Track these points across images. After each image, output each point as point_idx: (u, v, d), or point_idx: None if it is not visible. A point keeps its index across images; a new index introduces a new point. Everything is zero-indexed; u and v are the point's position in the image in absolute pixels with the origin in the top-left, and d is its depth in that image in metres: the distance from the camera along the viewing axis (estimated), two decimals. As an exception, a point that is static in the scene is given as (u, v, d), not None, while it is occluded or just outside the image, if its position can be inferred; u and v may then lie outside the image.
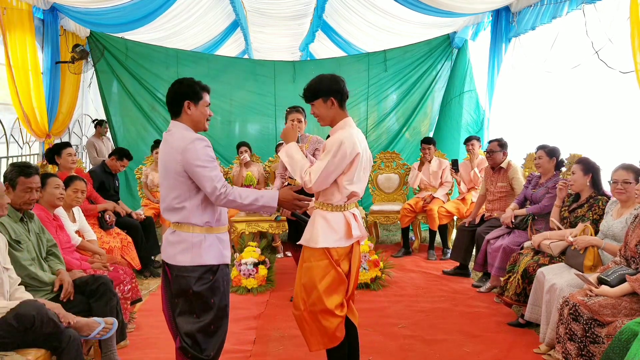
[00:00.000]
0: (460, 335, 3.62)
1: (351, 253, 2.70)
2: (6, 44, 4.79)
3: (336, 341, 2.66)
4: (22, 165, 3.07)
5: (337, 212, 2.65)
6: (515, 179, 4.85)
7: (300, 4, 7.60)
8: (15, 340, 2.47)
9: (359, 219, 2.74)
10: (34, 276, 2.87)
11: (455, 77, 7.06)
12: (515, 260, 3.92)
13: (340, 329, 2.67)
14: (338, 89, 2.67)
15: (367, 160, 2.73)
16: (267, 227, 5.15)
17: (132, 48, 6.95)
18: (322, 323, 2.63)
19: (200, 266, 2.36)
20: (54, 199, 3.46)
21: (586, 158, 3.79)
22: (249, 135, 7.34)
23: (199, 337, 2.38)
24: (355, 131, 2.67)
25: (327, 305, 2.61)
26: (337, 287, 2.65)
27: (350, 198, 2.67)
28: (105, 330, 2.80)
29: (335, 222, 2.64)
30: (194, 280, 2.35)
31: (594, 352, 2.70)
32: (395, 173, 6.57)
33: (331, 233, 2.62)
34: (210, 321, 2.39)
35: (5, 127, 5.14)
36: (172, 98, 2.44)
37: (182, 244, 2.37)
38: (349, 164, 2.58)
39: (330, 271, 2.63)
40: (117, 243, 4.46)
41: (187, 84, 2.44)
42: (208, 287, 2.37)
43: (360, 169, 2.65)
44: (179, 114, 2.43)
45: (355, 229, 2.66)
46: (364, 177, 2.71)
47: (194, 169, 2.30)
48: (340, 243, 2.64)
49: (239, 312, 4.06)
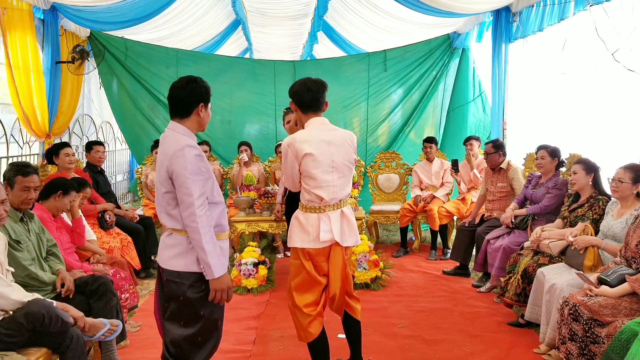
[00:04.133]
0: (460, 335, 3.62)
1: (329, 255, 2.72)
2: (6, 44, 4.79)
3: (310, 337, 2.75)
4: (20, 165, 3.08)
5: (312, 213, 2.70)
6: (515, 179, 4.85)
7: (300, 4, 7.60)
8: (22, 339, 2.48)
9: (339, 222, 2.71)
10: (34, 276, 2.87)
11: (459, 83, 7.07)
12: (515, 261, 3.92)
13: (314, 326, 2.74)
14: (294, 92, 2.76)
15: (340, 161, 2.70)
16: (267, 227, 5.15)
17: (132, 48, 6.94)
18: (297, 317, 2.76)
19: (193, 273, 2.23)
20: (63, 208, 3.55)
21: (586, 158, 3.80)
22: (249, 135, 7.33)
23: (185, 346, 2.26)
24: (309, 132, 2.69)
25: (297, 302, 2.74)
26: (308, 287, 2.74)
27: (322, 201, 2.68)
28: (110, 331, 2.80)
29: (307, 223, 2.69)
30: (186, 286, 2.23)
31: (595, 352, 2.70)
32: (395, 173, 6.56)
33: (303, 234, 2.70)
34: (197, 332, 2.27)
35: (5, 127, 5.14)
36: (184, 97, 2.26)
37: (177, 248, 2.25)
38: (299, 165, 2.63)
39: (301, 271, 2.73)
40: (117, 243, 4.46)
41: (202, 85, 2.29)
42: (199, 297, 2.24)
43: (318, 170, 2.63)
44: (187, 115, 2.28)
45: (324, 232, 2.65)
46: (332, 179, 2.68)
47: (178, 177, 2.16)
48: (312, 244, 2.69)
49: (239, 312, 4.06)
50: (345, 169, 2.75)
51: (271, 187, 5.42)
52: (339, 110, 7.27)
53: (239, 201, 5.30)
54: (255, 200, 5.37)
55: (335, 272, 2.73)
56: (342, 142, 2.75)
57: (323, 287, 2.76)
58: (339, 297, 2.77)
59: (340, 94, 7.24)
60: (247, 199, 5.30)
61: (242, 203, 5.30)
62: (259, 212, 5.30)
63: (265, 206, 5.19)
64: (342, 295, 2.79)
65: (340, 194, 2.74)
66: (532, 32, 5.40)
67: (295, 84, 2.80)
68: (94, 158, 5.23)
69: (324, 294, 2.79)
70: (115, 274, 3.56)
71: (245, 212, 5.31)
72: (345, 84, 7.28)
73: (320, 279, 2.74)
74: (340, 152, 2.72)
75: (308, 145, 2.62)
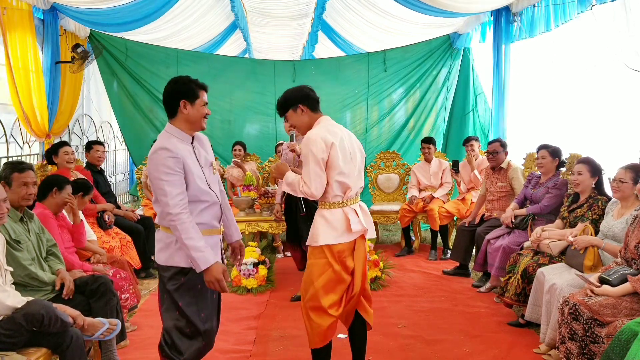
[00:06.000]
0: (460, 335, 3.62)
1: (354, 248, 2.72)
2: (6, 44, 4.78)
3: (326, 340, 2.71)
4: (15, 162, 3.11)
5: (336, 208, 2.69)
6: (515, 178, 4.85)
7: (300, 4, 7.59)
8: (22, 340, 2.48)
9: (361, 214, 2.75)
10: (34, 276, 2.87)
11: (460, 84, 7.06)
12: (515, 261, 3.92)
13: (332, 328, 2.71)
14: (304, 95, 2.76)
15: (354, 152, 2.74)
16: (267, 227, 5.14)
17: (132, 48, 6.95)
18: (314, 320, 2.68)
19: (171, 267, 2.37)
20: (62, 204, 3.52)
21: (592, 159, 3.75)
22: (249, 135, 7.33)
23: (174, 335, 2.37)
24: (327, 126, 2.71)
25: (322, 303, 2.66)
26: (334, 286, 2.69)
27: (346, 192, 2.68)
28: (109, 331, 2.80)
29: (334, 219, 2.68)
30: (166, 279, 2.38)
31: (595, 351, 2.70)
32: (395, 173, 6.56)
33: (330, 230, 2.66)
34: (185, 323, 2.37)
35: (5, 127, 5.14)
36: (167, 98, 2.40)
37: (160, 243, 2.41)
38: (328, 156, 2.61)
39: (327, 270, 2.67)
40: (117, 242, 4.47)
41: (182, 83, 2.40)
42: (175, 288, 2.36)
43: (343, 160, 2.65)
44: (174, 114, 2.40)
45: (355, 223, 2.67)
46: (352, 169, 2.71)
47: (152, 179, 2.30)
48: (341, 239, 2.67)
49: (239, 312, 4.06)
50: (360, 162, 2.81)
51: (271, 187, 5.42)
52: (339, 110, 7.28)
53: (239, 201, 5.30)
54: (255, 200, 5.37)
55: (359, 266, 2.73)
56: (354, 138, 2.83)
57: (347, 285, 2.74)
58: (357, 296, 2.76)
59: (340, 93, 7.25)
60: (247, 199, 5.30)
61: (242, 203, 5.30)
62: (258, 212, 5.30)
63: (265, 206, 5.19)
64: (360, 294, 2.79)
65: (359, 185, 2.78)
66: (532, 33, 5.40)
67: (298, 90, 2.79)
68: (93, 157, 5.25)
69: (346, 294, 2.76)
70: (115, 274, 3.56)
71: (245, 212, 5.31)
72: (345, 83, 7.29)
73: (346, 276, 2.72)
74: (354, 145, 2.78)
75: (332, 136, 2.64)
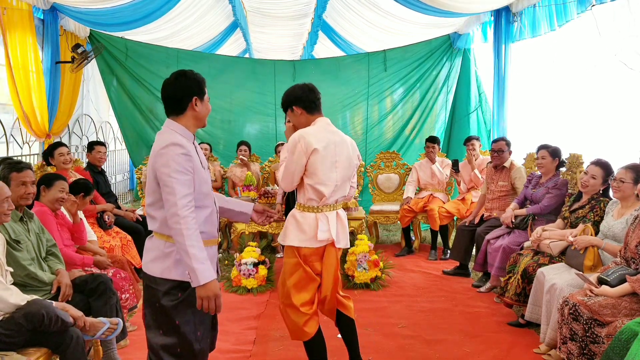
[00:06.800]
0: (460, 335, 3.62)
1: (323, 254, 2.75)
2: (6, 43, 4.78)
3: (306, 336, 2.76)
4: (12, 162, 3.11)
5: (309, 212, 2.72)
6: (518, 178, 4.83)
7: (300, 4, 7.60)
8: (22, 340, 2.48)
9: (335, 222, 2.74)
10: (33, 276, 2.87)
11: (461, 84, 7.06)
12: (515, 261, 3.92)
13: (310, 325, 2.76)
14: (298, 97, 2.77)
15: (341, 160, 2.74)
16: (267, 227, 5.14)
17: (132, 48, 6.95)
18: (291, 317, 2.76)
19: (168, 280, 2.10)
20: (54, 200, 3.48)
21: (609, 165, 3.61)
22: (249, 135, 7.34)
23: (164, 356, 2.12)
24: (319, 129, 2.72)
25: (294, 301, 2.73)
26: (305, 285, 2.75)
27: (322, 199, 2.69)
28: (110, 330, 2.79)
29: (304, 222, 2.71)
30: (161, 293, 2.10)
31: (595, 351, 2.70)
32: (395, 173, 6.56)
33: (299, 232, 2.72)
34: (175, 342, 2.11)
35: (5, 127, 5.14)
36: (176, 94, 2.15)
37: (154, 252, 2.13)
38: (307, 160, 2.62)
39: (298, 269, 2.74)
40: (117, 242, 4.47)
41: (193, 78, 2.16)
42: (173, 305, 2.09)
43: (323, 167, 2.65)
44: (182, 112, 2.15)
45: (323, 232, 2.69)
46: (334, 177, 2.70)
47: (161, 176, 2.03)
48: (308, 243, 2.71)
49: (239, 312, 4.06)
50: (346, 170, 2.78)
51: (271, 187, 5.42)
52: (339, 110, 7.28)
53: (239, 201, 5.29)
54: (255, 200, 5.37)
55: (328, 272, 2.76)
56: (346, 145, 2.80)
57: (317, 285, 2.79)
58: (330, 299, 2.80)
59: (340, 93, 7.25)
60: (247, 199, 5.30)
61: (242, 203, 5.29)
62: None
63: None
64: (333, 297, 2.83)
65: (339, 194, 2.78)
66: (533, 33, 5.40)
67: (293, 91, 2.78)
68: (94, 158, 5.24)
69: (317, 294, 2.81)
70: (115, 274, 3.56)
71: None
72: (345, 83, 7.29)
73: (316, 277, 2.78)
74: (343, 153, 2.76)
75: (317, 140, 2.65)
